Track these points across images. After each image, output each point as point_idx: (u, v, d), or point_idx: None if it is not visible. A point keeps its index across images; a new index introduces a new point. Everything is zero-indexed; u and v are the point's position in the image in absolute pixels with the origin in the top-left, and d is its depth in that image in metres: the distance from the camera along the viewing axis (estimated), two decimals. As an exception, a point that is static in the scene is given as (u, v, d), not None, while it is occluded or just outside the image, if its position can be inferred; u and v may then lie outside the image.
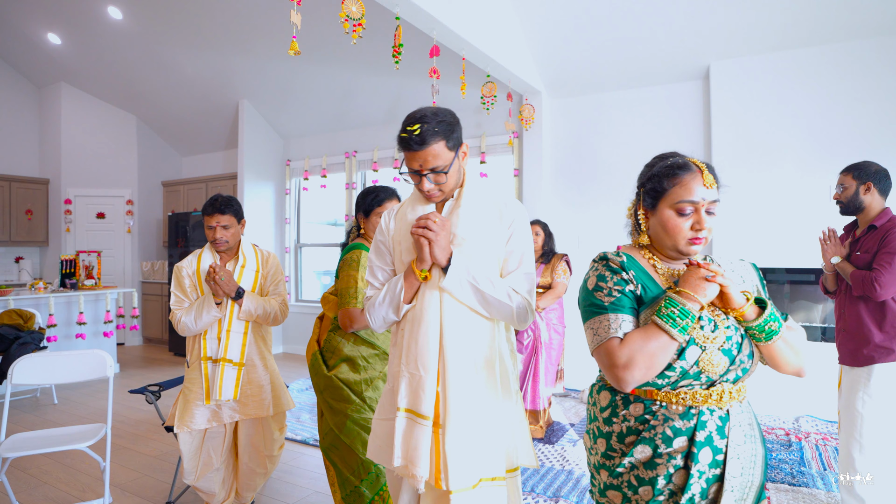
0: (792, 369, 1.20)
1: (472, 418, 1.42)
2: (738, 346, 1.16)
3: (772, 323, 1.14)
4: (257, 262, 2.49)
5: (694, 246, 1.19)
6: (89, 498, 2.85)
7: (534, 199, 5.17)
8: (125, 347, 7.17)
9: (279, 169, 6.96)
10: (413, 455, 1.40)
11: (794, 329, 1.21)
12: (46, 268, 7.27)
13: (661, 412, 1.15)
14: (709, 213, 1.19)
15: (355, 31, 2.82)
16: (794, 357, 1.19)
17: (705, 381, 1.14)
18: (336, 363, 2.15)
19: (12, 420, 4.16)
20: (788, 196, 4.16)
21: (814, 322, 4.23)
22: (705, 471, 1.12)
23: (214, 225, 2.37)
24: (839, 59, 3.99)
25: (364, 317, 2.02)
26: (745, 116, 4.30)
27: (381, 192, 2.22)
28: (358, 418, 2.08)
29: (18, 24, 6.04)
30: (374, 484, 2.08)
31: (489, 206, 1.51)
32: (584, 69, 4.84)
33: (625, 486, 1.17)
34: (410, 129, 1.41)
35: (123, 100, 7.15)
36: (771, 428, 3.81)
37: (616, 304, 1.17)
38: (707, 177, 1.18)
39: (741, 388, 1.20)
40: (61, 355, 2.65)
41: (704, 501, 1.13)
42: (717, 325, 1.16)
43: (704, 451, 1.12)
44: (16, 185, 6.84)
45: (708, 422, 1.14)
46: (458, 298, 1.43)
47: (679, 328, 1.10)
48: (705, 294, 1.12)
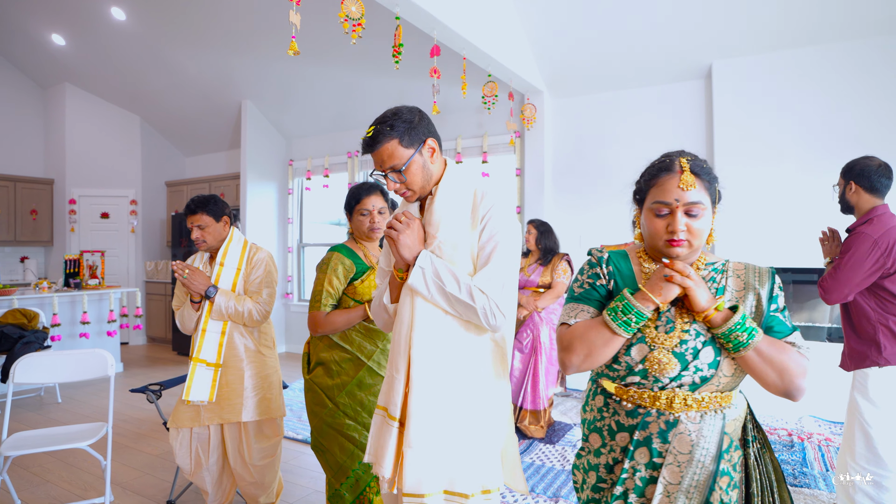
0: (774, 390, 1.12)
1: (437, 425, 1.36)
2: (694, 351, 1.12)
3: (739, 333, 1.08)
4: (240, 262, 2.42)
5: (674, 248, 1.16)
6: (91, 496, 2.87)
7: (535, 198, 5.17)
8: (129, 347, 7.21)
9: (282, 169, 6.98)
10: (379, 454, 1.42)
11: (785, 349, 1.12)
12: (51, 267, 7.31)
13: (613, 406, 1.21)
14: (690, 214, 1.15)
15: (355, 31, 2.82)
16: (775, 377, 1.10)
17: (652, 381, 1.14)
18: (314, 367, 2.14)
19: (16, 418, 4.18)
20: (791, 195, 4.14)
21: (818, 322, 4.20)
22: (641, 470, 1.16)
23: (191, 226, 2.41)
24: (842, 58, 3.97)
25: (328, 322, 2.03)
26: (747, 115, 4.28)
27: (360, 189, 2.12)
28: (332, 422, 2.05)
29: (23, 25, 6.07)
30: (354, 488, 2.04)
31: (464, 200, 1.45)
32: (586, 68, 4.83)
33: (582, 469, 1.29)
34: (367, 131, 1.45)
35: (127, 100, 7.18)
36: (773, 428, 3.79)
37: (583, 295, 1.25)
38: (685, 178, 1.14)
39: (705, 399, 1.14)
40: (63, 354, 2.67)
41: (642, 499, 1.16)
42: (675, 328, 1.15)
43: (641, 451, 1.15)
44: (21, 186, 6.89)
45: (651, 423, 1.15)
46: (426, 298, 1.39)
47: (620, 322, 1.13)
48: (661, 294, 1.13)
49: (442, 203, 1.44)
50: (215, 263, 2.41)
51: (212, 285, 2.34)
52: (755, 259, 4.21)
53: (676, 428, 1.13)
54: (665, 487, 1.13)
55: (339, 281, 2.06)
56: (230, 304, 2.32)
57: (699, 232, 1.15)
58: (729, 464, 1.15)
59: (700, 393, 1.14)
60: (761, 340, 1.10)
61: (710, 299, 1.12)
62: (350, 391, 2.05)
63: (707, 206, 1.16)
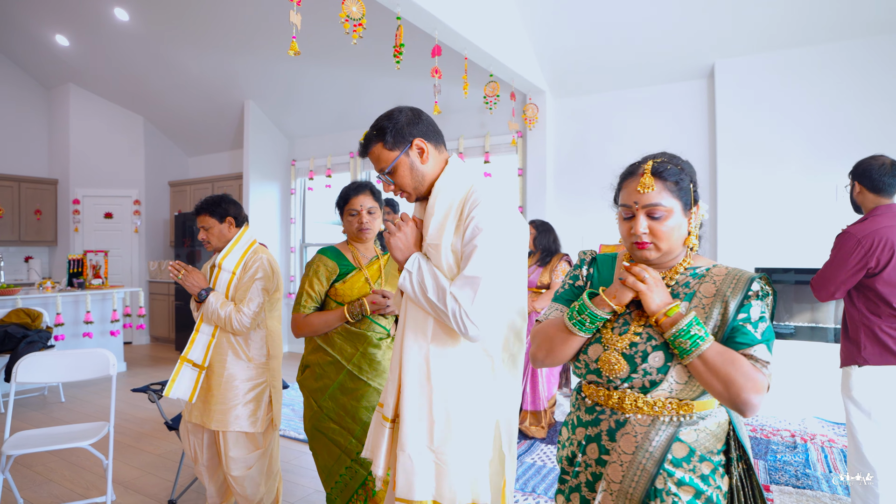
0: (722, 402, 1.08)
1: (425, 429, 1.35)
2: (643, 354, 1.13)
3: (682, 340, 1.07)
4: (236, 266, 2.36)
5: (639, 251, 1.16)
6: (93, 495, 2.88)
7: (537, 198, 5.16)
8: (132, 346, 7.23)
9: (284, 169, 6.99)
10: (375, 452, 1.44)
11: (735, 362, 1.05)
12: (55, 267, 7.34)
13: (579, 402, 1.27)
14: (652, 217, 1.13)
15: (356, 31, 2.82)
16: (721, 388, 1.05)
17: (607, 381, 1.17)
18: (303, 369, 2.15)
19: (20, 417, 4.20)
20: (794, 194, 4.12)
21: (821, 323, 4.18)
22: (592, 465, 1.20)
23: (198, 226, 2.43)
24: (846, 58, 3.95)
25: (306, 323, 2.02)
26: (750, 115, 4.27)
27: (349, 189, 2.07)
28: (318, 426, 2.04)
29: (27, 26, 6.10)
30: (344, 492, 2.03)
31: (455, 200, 1.40)
32: (588, 68, 4.82)
33: (558, 461, 1.34)
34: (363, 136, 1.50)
35: (130, 101, 7.21)
36: (776, 429, 3.77)
37: (561, 295, 1.32)
38: (644, 180, 1.13)
39: (658, 404, 1.12)
40: (65, 354, 2.68)
41: (592, 494, 1.20)
42: (629, 330, 1.16)
43: (591, 446, 1.20)
44: (25, 186, 6.92)
45: (602, 421, 1.18)
46: (413, 301, 1.39)
47: (575, 322, 1.18)
48: (615, 297, 1.15)
49: (433, 203, 1.41)
50: (214, 266, 2.40)
51: (205, 287, 2.31)
52: (757, 259, 4.21)
53: (624, 428, 1.14)
54: (608, 485, 1.15)
55: (320, 283, 2.05)
56: (214, 309, 2.26)
57: (664, 234, 1.13)
58: (693, 474, 1.11)
59: (652, 396, 1.13)
60: (708, 349, 1.06)
61: (662, 303, 1.11)
62: (333, 395, 2.03)
63: (673, 208, 1.13)
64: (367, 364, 2.01)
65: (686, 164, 1.20)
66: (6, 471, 2.41)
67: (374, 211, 2.04)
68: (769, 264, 4.21)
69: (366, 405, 2.00)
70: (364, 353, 2.02)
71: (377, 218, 2.05)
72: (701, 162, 4.54)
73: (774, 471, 3.11)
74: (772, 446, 3.48)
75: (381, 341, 2.03)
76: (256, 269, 2.31)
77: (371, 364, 2.01)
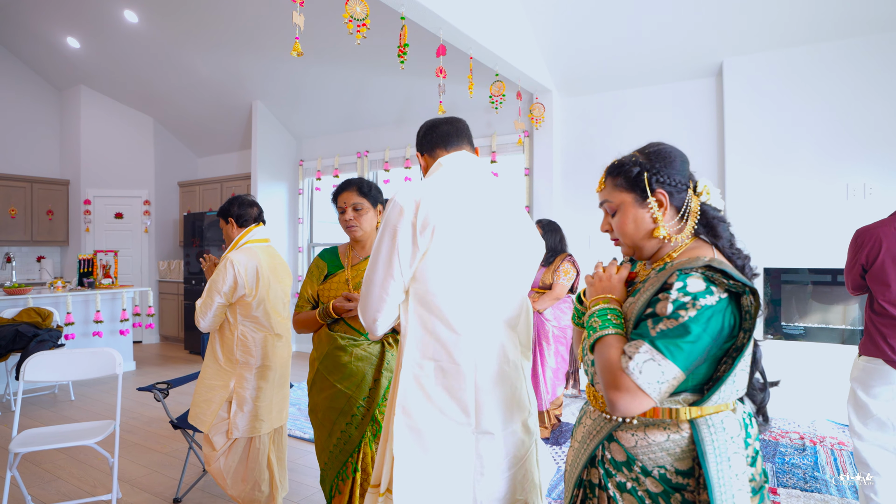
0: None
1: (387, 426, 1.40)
2: (588, 347, 1.12)
3: (586, 330, 1.13)
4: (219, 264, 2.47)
5: (617, 246, 1.23)
6: (100, 493, 2.91)
7: (544, 198, 5.14)
8: (142, 345, 7.30)
9: (292, 169, 7.02)
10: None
11: (606, 354, 1.02)
12: (67, 267, 7.43)
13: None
14: (612, 214, 1.19)
15: (359, 31, 2.82)
16: (600, 380, 1.03)
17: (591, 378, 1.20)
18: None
19: (30, 415, 4.26)
20: (804, 194, 4.06)
21: (832, 324, 4.12)
22: (576, 446, 1.21)
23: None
24: (856, 55, 3.89)
25: (295, 322, 2.11)
26: (758, 113, 4.22)
27: (337, 186, 2.09)
28: (309, 415, 2.12)
29: (39, 29, 6.18)
30: (325, 483, 2.06)
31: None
32: (595, 67, 4.79)
33: None
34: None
35: (140, 102, 7.28)
36: (785, 431, 3.73)
37: None
38: (600, 180, 1.22)
39: (601, 400, 1.13)
40: (72, 353, 2.71)
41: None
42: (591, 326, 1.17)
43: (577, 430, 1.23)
44: (37, 186, 7.01)
45: (583, 414, 1.22)
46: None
47: (573, 316, 1.31)
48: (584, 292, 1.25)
49: None
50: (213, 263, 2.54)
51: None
52: (766, 259, 4.16)
53: (583, 419, 1.20)
54: (567, 467, 1.22)
55: (311, 283, 2.13)
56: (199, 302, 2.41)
57: (618, 228, 1.17)
58: (637, 485, 1.04)
59: (599, 391, 1.13)
60: (600, 341, 1.04)
61: (591, 297, 1.16)
62: (314, 389, 2.07)
63: (624, 201, 1.14)
64: (332, 365, 1.99)
65: (655, 153, 1.15)
66: (14, 468, 2.44)
67: (361, 207, 2.00)
68: (779, 264, 4.16)
69: (333, 406, 1.98)
70: (329, 353, 2.00)
71: (364, 215, 2.00)
72: (709, 160, 4.50)
73: (782, 473, 3.07)
74: (780, 448, 3.43)
75: (348, 346, 1.98)
76: (217, 271, 2.35)
77: (336, 366, 1.98)
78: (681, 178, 1.14)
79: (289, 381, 2.56)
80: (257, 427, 2.38)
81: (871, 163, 3.86)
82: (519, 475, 1.37)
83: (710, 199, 1.14)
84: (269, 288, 2.42)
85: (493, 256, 1.38)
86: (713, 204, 1.14)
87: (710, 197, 1.14)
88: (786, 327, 4.21)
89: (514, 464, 1.36)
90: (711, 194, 1.14)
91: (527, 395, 1.43)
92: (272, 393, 2.44)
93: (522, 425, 1.39)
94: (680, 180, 1.13)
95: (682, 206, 1.13)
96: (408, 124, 6.07)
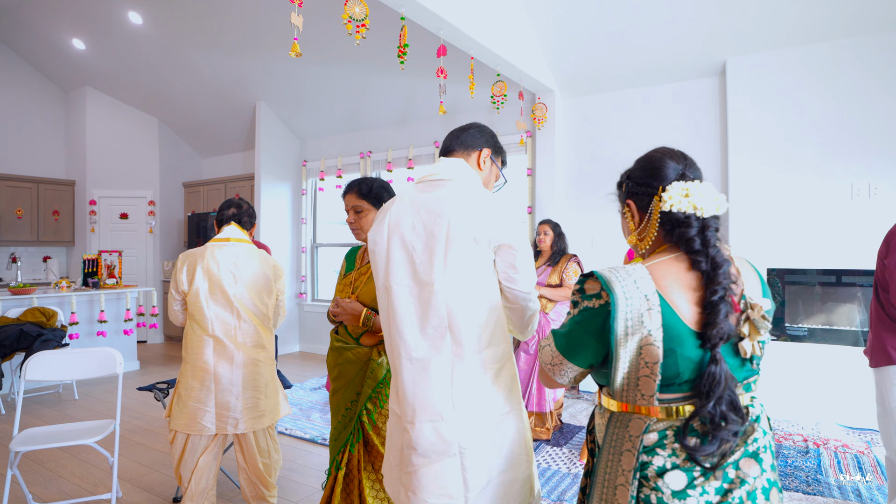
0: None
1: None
2: None
3: None
4: None
5: None
6: (101, 492, 2.92)
7: (547, 198, 5.12)
8: (146, 345, 7.34)
9: (296, 170, 7.04)
10: None
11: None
12: (72, 267, 7.48)
13: None
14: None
15: (358, 31, 2.82)
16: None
17: None
18: None
19: (34, 414, 4.29)
20: (809, 194, 4.03)
21: (836, 325, 4.08)
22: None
23: None
24: (861, 54, 3.86)
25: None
26: (762, 113, 4.19)
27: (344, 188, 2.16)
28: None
29: (45, 31, 6.23)
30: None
31: None
32: (598, 67, 4.77)
33: None
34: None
35: (145, 103, 7.32)
36: (788, 433, 3.70)
37: None
38: None
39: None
40: (73, 352, 2.72)
41: None
42: None
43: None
44: (43, 187, 7.06)
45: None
46: None
47: None
48: None
49: None
50: None
51: None
52: (771, 260, 4.13)
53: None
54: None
55: (338, 281, 2.15)
56: None
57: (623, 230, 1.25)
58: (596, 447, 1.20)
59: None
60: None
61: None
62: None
63: (622, 209, 1.22)
64: (331, 363, 2.03)
65: (639, 160, 1.18)
66: (14, 466, 2.45)
67: (361, 210, 2.00)
68: (783, 265, 4.13)
69: (331, 400, 2.02)
70: (329, 351, 2.06)
71: (365, 217, 2.00)
72: (713, 160, 4.47)
73: (784, 476, 3.04)
74: (783, 450, 3.40)
75: (340, 348, 1.98)
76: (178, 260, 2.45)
77: (332, 365, 2.02)
78: (647, 185, 1.12)
79: (210, 389, 2.32)
80: (174, 422, 2.35)
81: (876, 162, 3.82)
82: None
83: (676, 205, 1.06)
84: (209, 285, 2.33)
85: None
86: (683, 209, 1.06)
87: (675, 202, 1.07)
88: (790, 329, 4.17)
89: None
90: (677, 200, 1.07)
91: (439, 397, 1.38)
92: (187, 394, 2.33)
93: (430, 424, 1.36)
94: (645, 187, 1.12)
95: (647, 212, 1.13)
96: (410, 125, 6.07)
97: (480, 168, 1.53)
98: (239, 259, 2.39)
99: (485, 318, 1.34)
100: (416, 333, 1.35)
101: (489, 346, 1.35)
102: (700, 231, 1.05)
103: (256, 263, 2.43)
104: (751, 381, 1.08)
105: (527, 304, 1.39)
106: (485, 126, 1.59)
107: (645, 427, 1.02)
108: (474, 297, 1.34)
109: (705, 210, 1.06)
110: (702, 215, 1.06)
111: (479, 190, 1.41)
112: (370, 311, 1.88)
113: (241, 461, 2.47)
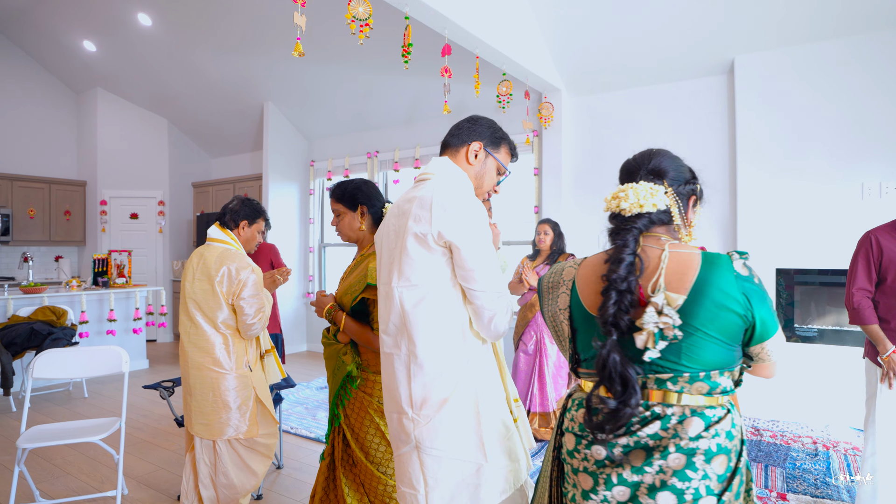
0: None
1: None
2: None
3: None
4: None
5: None
6: (107, 489, 2.95)
7: (553, 198, 5.10)
8: (156, 344, 7.40)
9: (303, 170, 7.07)
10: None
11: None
12: (84, 267, 7.57)
13: None
14: None
15: (362, 31, 2.83)
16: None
17: None
18: None
19: (44, 412, 4.34)
20: (818, 194, 3.97)
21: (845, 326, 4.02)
22: None
23: None
24: (870, 51, 3.80)
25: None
26: (771, 111, 4.14)
27: None
28: None
29: (57, 33, 6.31)
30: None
31: None
32: (605, 65, 4.74)
33: None
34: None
35: (155, 104, 7.39)
36: (797, 436, 3.65)
37: None
38: None
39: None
40: (79, 351, 2.75)
41: None
42: None
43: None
44: (55, 187, 7.15)
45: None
46: None
47: None
48: None
49: None
50: None
51: None
52: (779, 260, 4.08)
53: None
54: None
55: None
56: None
57: None
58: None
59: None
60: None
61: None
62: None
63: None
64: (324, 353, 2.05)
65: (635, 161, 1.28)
66: (21, 463, 2.48)
67: (338, 212, 2.02)
68: (791, 265, 4.08)
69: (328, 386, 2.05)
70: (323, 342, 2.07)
71: (342, 219, 2.01)
72: (720, 159, 4.42)
73: (792, 479, 3.00)
74: (791, 453, 3.36)
75: (324, 343, 1.99)
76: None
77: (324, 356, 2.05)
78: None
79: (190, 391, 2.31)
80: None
81: (887, 161, 3.76)
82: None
83: (615, 208, 1.17)
84: (186, 287, 2.34)
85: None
86: (620, 209, 1.17)
87: (613, 204, 1.18)
88: (799, 329, 4.12)
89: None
90: (617, 201, 1.17)
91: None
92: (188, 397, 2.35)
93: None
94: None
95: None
96: (416, 124, 6.07)
97: (470, 163, 1.47)
98: (203, 260, 2.34)
99: (440, 318, 1.32)
100: (385, 330, 1.41)
101: (448, 346, 1.32)
102: (613, 228, 1.18)
103: (210, 265, 2.32)
104: (665, 378, 1.05)
105: (483, 304, 1.31)
106: (481, 118, 1.52)
107: (569, 393, 1.25)
108: (427, 298, 1.31)
109: (623, 209, 1.17)
110: (622, 213, 1.17)
111: (442, 186, 1.35)
112: (333, 306, 1.89)
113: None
